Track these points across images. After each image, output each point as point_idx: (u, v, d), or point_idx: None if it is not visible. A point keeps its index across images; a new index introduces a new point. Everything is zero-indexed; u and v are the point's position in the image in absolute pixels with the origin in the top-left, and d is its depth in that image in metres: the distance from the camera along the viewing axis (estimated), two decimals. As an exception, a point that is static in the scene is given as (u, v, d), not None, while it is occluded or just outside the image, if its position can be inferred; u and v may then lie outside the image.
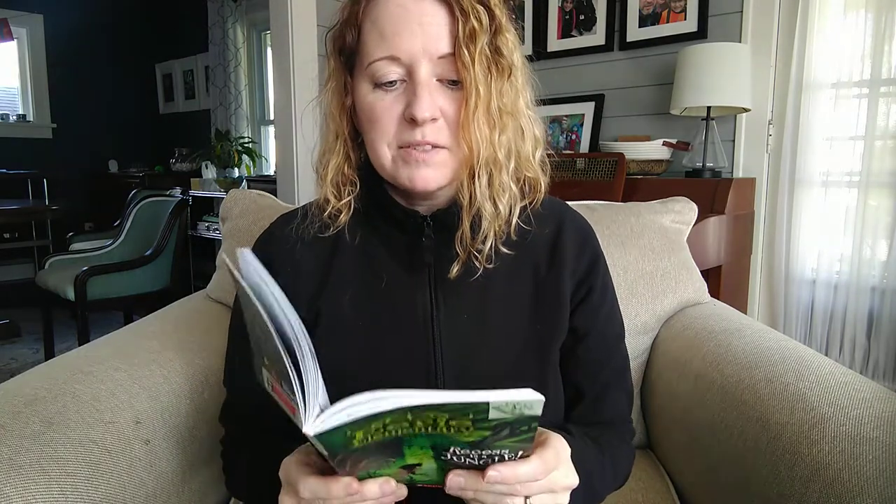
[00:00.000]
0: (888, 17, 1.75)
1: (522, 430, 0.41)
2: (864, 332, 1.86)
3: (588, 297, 0.67)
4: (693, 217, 1.14)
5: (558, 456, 0.47)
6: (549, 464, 0.46)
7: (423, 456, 0.44)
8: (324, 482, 0.45)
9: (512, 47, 0.59)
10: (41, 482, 0.60)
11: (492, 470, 0.43)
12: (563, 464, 0.48)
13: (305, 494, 0.46)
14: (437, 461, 0.45)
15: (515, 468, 0.44)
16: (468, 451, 0.43)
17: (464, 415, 0.39)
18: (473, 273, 0.62)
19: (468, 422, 0.40)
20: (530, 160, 0.63)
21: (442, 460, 0.44)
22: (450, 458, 0.44)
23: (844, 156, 1.88)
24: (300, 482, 0.46)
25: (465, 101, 0.56)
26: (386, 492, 0.45)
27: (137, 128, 4.87)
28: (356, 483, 0.44)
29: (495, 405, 0.38)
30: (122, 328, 0.98)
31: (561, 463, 0.48)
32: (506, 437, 0.42)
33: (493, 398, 0.38)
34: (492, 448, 0.43)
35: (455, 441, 0.42)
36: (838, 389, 0.69)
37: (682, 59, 1.87)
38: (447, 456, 0.44)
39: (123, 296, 2.70)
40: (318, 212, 0.65)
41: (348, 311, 0.63)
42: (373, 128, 0.59)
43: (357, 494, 0.44)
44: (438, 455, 0.44)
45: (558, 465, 0.47)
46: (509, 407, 0.39)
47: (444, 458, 0.44)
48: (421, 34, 0.55)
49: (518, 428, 0.41)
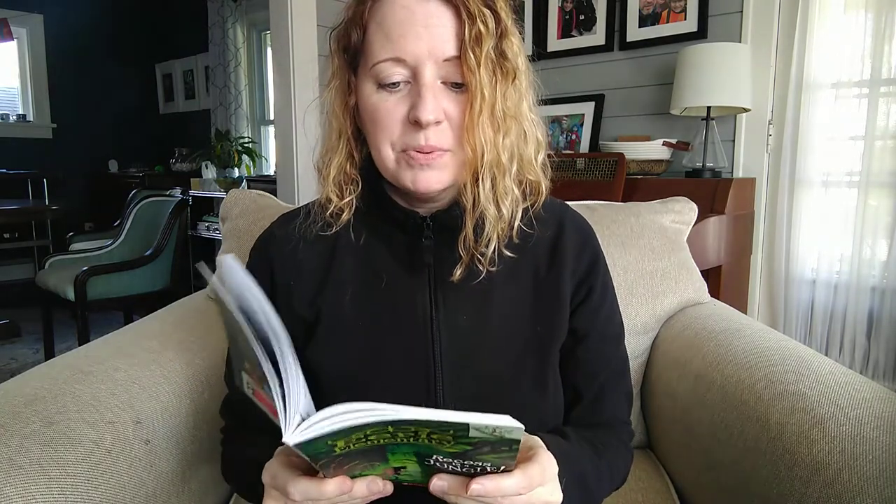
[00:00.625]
0: (888, 17, 1.75)
1: (503, 449, 0.41)
2: (864, 332, 1.86)
3: (588, 298, 0.67)
4: (693, 217, 1.14)
5: (544, 472, 0.47)
6: (534, 480, 0.45)
7: (406, 461, 0.44)
8: (316, 483, 0.45)
9: (517, 51, 0.59)
10: (41, 482, 0.60)
11: (475, 483, 0.43)
12: (549, 481, 0.48)
13: (296, 497, 0.45)
14: (420, 465, 0.45)
15: (499, 482, 0.44)
16: (451, 460, 0.43)
17: (444, 431, 0.39)
18: (476, 276, 0.62)
19: (449, 437, 0.40)
20: (532, 163, 0.63)
21: (426, 465, 0.45)
22: (433, 464, 0.44)
23: (844, 156, 1.88)
24: (290, 484, 0.45)
25: (469, 105, 0.56)
26: (374, 490, 0.46)
27: (137, 128, 4.87)
28: (349, 481, 0.44)
29: (475, 426, 0.38)
30: (122, 328, 0.98)
31: (546, 480, 0.47)
32: (487, 453, 0.42)
33: (473, 421, 0.38)
34: (474, 459, 0.43)
35: (438, 451, 0.42)
36: (838, 389, 0.69)
37: (682, 59, 1.87)
38: (430, 462, 0.44)
39: (123, 296, 2.70)
40: (320, 211, 0.66)
41: (348, 310, 0.63)
42: (376, 129, 0.59)
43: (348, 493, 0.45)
44: (422, 460, 0.44)
45: (543, 481, 0.47)
46: (489, 430, 0.39)
47: (427, 463, 0.44)
48: (427, 36, 0.55)
49: (499, 447, 0.41)
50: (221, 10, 3.99)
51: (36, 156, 4.29)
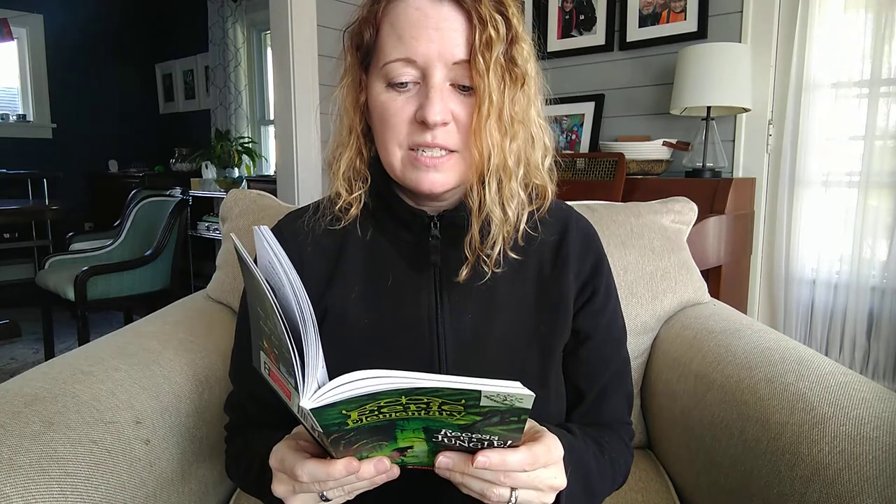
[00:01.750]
0: (888, 17, 1.75)
1: (512, 419, 0.42)
2: (864, 332, 1.86)
3: (592, 300, 0.68)
4: (693, 217, 1.14)
5: (549, 453, 0.48)
6: (539, 458, 0.46)
7: (414, 439, 0.45)
8: (323, 464, 0.46)
9: (527, 56, 0.60)
10: (41, 482, 0.60)
11: (481, 455, 0.44)
12: (554, 464, 0.49)
13: (304, 478, 0.46)
14: (428, 443, 0.46)
15: (504, 455, 0.45)
16: (458, 434, 0.44)
17: (456, 400, 0.40)
18: (481, 277, 0.62)
19: (460, 406, 0.41)
20: (539, 168, 0.64)
21: (433, 442, 0.45)
22: (440, 440, 0.45)
23: (844, 156, 1.88)
24: (298, 466, 0.46)
25: (477, 108, 0.57)
26: (381, 470, 0.46)
27: (137, 128, 4.87)
28: (356, 461, 0.45)
29: (487, 394, 0.39)
30: (122, 328, 0.98)
31: (551, 462, 0.48)
32: (496, 424, 0.43)
33: (485, 388, 0.39)
34: (481, 432, 0.44)
35: (446, 424, 0.43)
36: (838, 389, 0.69)
37: (682, 59, 1.87)
38: (438, 437, 0.45)
39: (123, 296, 2.70)
40: (329, 205, 0.66)
41: (354, 307, 0.64)
42: (384, 127, 0.60)
43: (355, 474, 0.45)
44: (430, 437, 0.45)
45: (548, 462, 0.48)
46: (500, 397, 0.40)
47: (434, 439, 0.45)
48: (438, 39, 0.56)
49: (508, 417, 0.42)
50: (221, 10, 3.99)
51: (36, 156, 4.29)
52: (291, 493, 0.49)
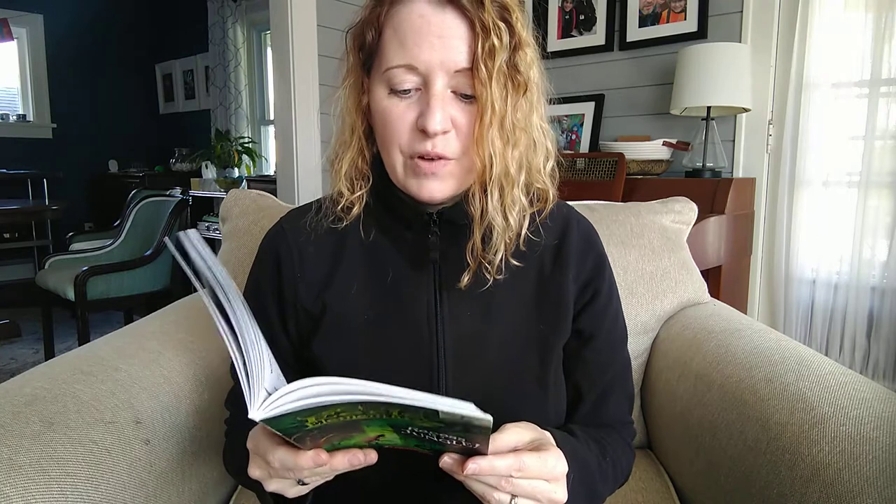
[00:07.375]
0: (888, 17, 1.75)
1: (474, 430, 0.42)
2: (864, 332, 1.86)
3: (593, 301, 0.68)
4: (693, 217, 1.14)
5: (544, 465, 0.48)
6: (529, 466, 0.47)
7: (383, 430, 0.45)
8: (293, 453, 0.46)
9: (530, 62, 0.59)
10: (41, 482, 0.60)
11: (471, 462, 0.45)
12: (555, 479, 0.49)
13: (275, 464, 0.46)
14: (398, 433, 0.45)
15: (493, 461, 0.46)
16: (427, 431, 0.43)
17: (414, 411, 0.40)
18: (483, 283, 0.62)
19: (421, 416, 0.40)
20: (541, 172, 0.64)
21: (402, 434, 0.45)
22: (409, 433, 0.44)
23: (844, 156, 1.88)
24: (269, 452, 0.47)
25: (479, 117, 0.57)
26: (355, 464, 0.46)
27: (137, 128, 4.87)
28: (324, 454, 0.45)
29: (444, 414, 0.39)
30: (122, 328, 0.98)
31: (551, 476, 0.49)
32: (458, 432, 0.42)
33: (443, 407, 0.38)
34: (448, 434, 0.43)
35: (412, 424, 0.43)
36: (838, 389, 0.69)
37: (682, 59, 1.87)
38: (407, 432, 0.44)
39: (123, 296, 2.70)
40: (331, 204, 0.66)
41: (353, 304, 0.64)
42: (386, 132, 0.60)
43: (326, 466, 0.45)
44: (398, 430, 0.44)
45: (549, 477, 0.48)
46: (457, 416, 0.39)
47: (404, 433, 0.44)
48: (440, 47, 0.55)
49: (470, 428, 0.41)
50: (221, 9, 3.99)
51: (36, 156, 4.29)
52: (267, 477, 0.50)
